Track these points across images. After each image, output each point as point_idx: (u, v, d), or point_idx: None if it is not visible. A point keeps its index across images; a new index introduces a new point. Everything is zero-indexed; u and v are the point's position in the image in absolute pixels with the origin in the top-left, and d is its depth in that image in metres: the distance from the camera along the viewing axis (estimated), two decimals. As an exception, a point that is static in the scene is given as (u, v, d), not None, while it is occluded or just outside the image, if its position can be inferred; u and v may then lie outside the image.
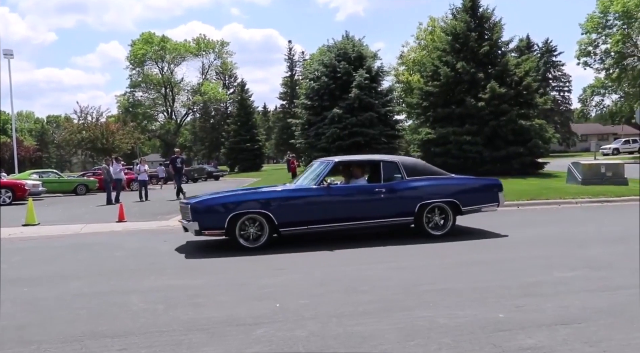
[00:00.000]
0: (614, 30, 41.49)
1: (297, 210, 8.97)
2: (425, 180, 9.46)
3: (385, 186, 9.28)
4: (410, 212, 9.23)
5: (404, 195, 9.27)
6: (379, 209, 9.19)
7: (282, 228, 8.81)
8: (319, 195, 9.07)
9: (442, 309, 5.08)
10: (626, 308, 4.96)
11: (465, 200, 9.47)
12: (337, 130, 31.35)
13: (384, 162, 9.76)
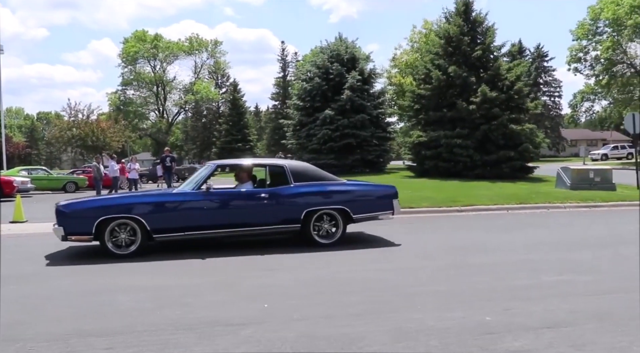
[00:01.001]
0: (604, 37, 41.80)
1: (172, 216, 8.50)
2: (313, 186, 9.04)
3: (268, 191, 8.87)
4: (296, 219, 8.77)
5: (289, 202, 8.83)
6: (262, 216, 8.75)
7: (156, 234, 8.31)
8: (196, 200, 8.57)
9: (430, 311, 5.10)
10: (612, 312, 5.01)
11: (357, 208, 9.03)
12: (328, 132, 31.40)
13: (269, 166, 9.52)
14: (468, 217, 13.16)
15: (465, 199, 15.19)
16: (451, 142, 25.39)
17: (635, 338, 4.34)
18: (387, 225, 11.56)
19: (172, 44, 79.44)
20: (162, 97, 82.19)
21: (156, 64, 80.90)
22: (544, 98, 69.16)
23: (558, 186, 18.53)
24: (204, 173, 9.06)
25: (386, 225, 11.48)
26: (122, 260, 7.90)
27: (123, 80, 79.73)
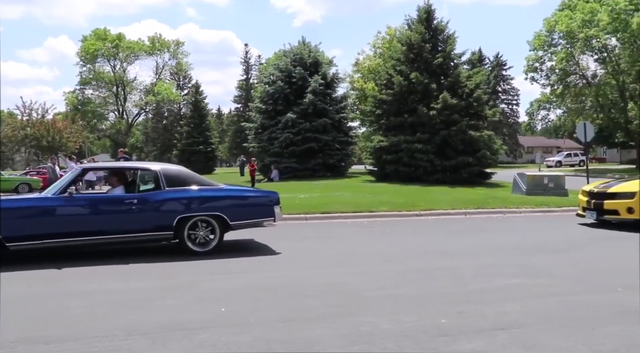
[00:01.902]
0: (558, 48, 42.98)
1: (27, 223, 7.86)
2: (187, 191, 8.62)
3: (138, 197, 8.39)
4: (168, 226, 8.34)
5: (160, 207, 8.42)
6: (131, 222, 8.26)
7: (9, 243, 7.64)
8: (56, 205, 8.03)
9: (386, 315, 5.14)
10: (561, 314, 5.15)
11: (235, 214, 8.67)
12: (290, 135, 31.36)
13: (141, 170, 9.08)
14: (427, 221, 13.33)
15: (424, 204, 15.39)
16: (412, 147, 25.68)
17: (581, 338, 4.48)
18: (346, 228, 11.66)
19: (133, 44, 78.10)
20: (122, 98, 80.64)
21: (116, 64, 79.40)
22: (502, 106, 70.72)
23: (514, 191, 18.94)
24: (69, 177, 8.55)
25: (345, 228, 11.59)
26: (74, 265, 7.72)
27: (81, 80, 77.88)
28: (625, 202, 10.94)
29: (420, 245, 9.55)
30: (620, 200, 11.08)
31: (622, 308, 5.32)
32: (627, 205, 10.91)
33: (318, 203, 15.28)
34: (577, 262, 7.93)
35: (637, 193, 10.82)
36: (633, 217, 10.84)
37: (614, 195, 11.30)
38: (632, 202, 10.84)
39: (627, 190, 11.13)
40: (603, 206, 11.36)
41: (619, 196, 11.16)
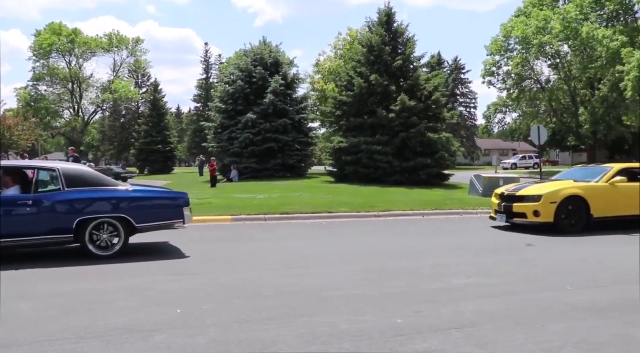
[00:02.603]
0: (514, 53, 44.03)
1: None
2: (88, 192, 8.16)
3: (33, 198, 7.87)
4: (67, 229, 7.91)
5: (58, 209, 7.93)
6: (25, 225, 7.81)
7: None
8: None
9: (344, 315, 5.18)
10: (513, 313, 5.28)
11: (141, 216, 8.34)
12: (250, 135, 31.21)
13: (39, 169, 8.41)
14: (386, 222, 13.45)
15: (383, 204, 15.54)
16: (371, 148, 25.90)
17: (531, 335, 4.61)
18: (305, 229, 11.67)
19: (90, 40, 76.21)
20: (77, 95, 78.55)
21: (72, 60, 77.34)
22: (460, 108, 72.06)
23: (471, 193, 19.31)
24: None
25: (304, 229, 11.59)
26: (24, 267, 7.51)
27: (34, 75, 75.48)
28: (532, 205, 11.02)
29: (378, 246, 9.63)
30: (527, 203, 11.15)
31: (571, 306, 5.50)
32: (533, 208, 10.99)
33: (277, 204, 15.26)
34: (527, 261, 8.14)
35: (543, 196, 10.97)
36: (539, 220, 10.98)
37: (522, 198, 11.37)
38: (538, 205, 10.95)
39: (534, 193, 11.23)
40: (512, 209, 11.42)
41: (527, 199, 11.23)
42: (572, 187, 11.37)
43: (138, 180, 39.80)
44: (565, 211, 11.01)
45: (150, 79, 77.45)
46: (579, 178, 12.11)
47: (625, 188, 11.46)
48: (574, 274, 7.15)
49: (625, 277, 6.93)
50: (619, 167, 12.17)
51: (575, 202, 11.09)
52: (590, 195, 11.15)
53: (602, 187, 11.42)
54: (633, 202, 11.49)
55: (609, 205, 11.29)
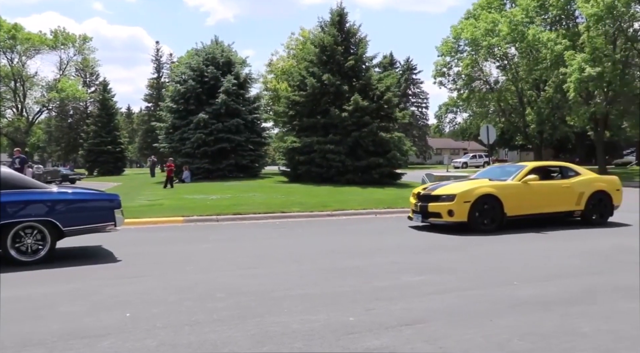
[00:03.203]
0: (464, 55, 45.04)
1: None
2: (10, 195, 7.68)
3: None
4: None
5: None
6: None
7: None
8: None
9: (296, 314, 5.17)
10: (462, 308, 5.38)
11: (68, 220, 7.94)
12: (202, 136, 30.86)
13: None
14: (339, 221, 13.52)
15: (336, 204, 15.61)
16: (324, 148, 26.00)
17: (479, 330, 4.71)
18: (257, 229, 11.61)
19: (33, 36, 73.58)
20: (21, 94, 75.77)
21: (14, 57, 74.56)
22: (412, 108, 73.25)
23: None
24: None
25: (257, 229, 11.53)
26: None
27: (-28, 73, 72.48)
28: (447, 205, 10.94)
29: (330, 245, 9.66)
30: (442, 203, 11.06)
31: (518, 301, 5.64)
32: (448, 208, 10.91)
33: (230, 205, 15.13)
34: (476, 258, 8.32)
35: (457, 195, 10.91)
36: (453, 219, 10.91)
37: (437, 197, 11.26)
38: (452, 205, 10.87)
39: (448, 193, 11.13)
40: (427, 209, 11.31)
41: (442, 199, 11.13)
42: (486, 186, 11.34)
43: (87, 182, 38.80)
44: (479, 210, 10.96)
45: (99, 78, 75.42)
46: (495, 177, 12.15)
47: (538, 186, 11.63)
48: (519, 270, 7.35)
49: (566, 272, 7.17)
50: (532, 165, 12.38)
51: (489, 201, 11.06)
52: (503, 194, 11.17)
53: (516, 185, 11.50)
54: (545, 201, 11.74)
55: (522, 204, 11.38)
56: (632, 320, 5.00)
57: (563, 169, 12.92)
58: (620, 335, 4.59)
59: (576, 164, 36.99)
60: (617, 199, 12.56)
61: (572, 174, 12.54)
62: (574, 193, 12.01)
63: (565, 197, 11.95)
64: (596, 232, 11.13)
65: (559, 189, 11.99)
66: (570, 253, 8.69)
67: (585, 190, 12.10)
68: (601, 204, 12.30)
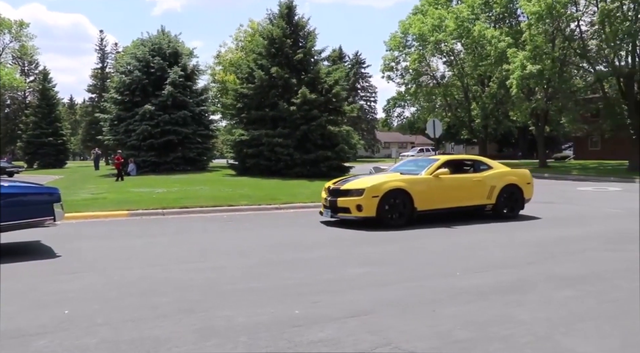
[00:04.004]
0: (412, 50, 45.73)
1: None
2: None
3: None
4: None
5: None
6: None
7: None
8: None
9: (242, 308, 5.14)
10: (405, 300, 5.47)
11: (3, 215, 7.54)
12: (148, 128, 30.27)
13: None
14: (287, 214, 13.51)
15: (284, 197, 15.58)
16: (272, 141, 25.93)
17: (422, 320, 4.81)
18: (204, 223, 11.49)
19: (-38, 20, 69.99)
20: (-48, 82, 72.26)
21: (-59, 42, 70.80)
22: (361, 102, 73.85)
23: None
24: None
25: (203, 223, 11.40)
26: None
27: None
28: (355, 199, 10.64)
29: (277, 238, 9.64)
30: (351, 198, 10.75)
31: (459, 291, 5.79)
32: (356, 203, 10.61)
33: (176, 198, 14.90)
34: (417, 250, 8.49)
35: (366, 190, 10.63)
36: (362, 214, 10.61)
37: (346, 192, 10.96)
38: (360, 199, 10.57)
39: (357, 187, 10.83)
40: (337, 204, 11.00)
41: (351, 193, 10.83)
42: (395, 180, 11.11)
43: (26, 175, 37.38)
44: (388, 205, 10.69)
45: (38, 67, 72.68)
46: (408, 171, 11.94)
47: (449, 180, 11.52)
48: (459, 261, 7.53)
49: (503, 262, 7.40)
50: (444, 159, 12.14)
51: (398, 196, 10.81)
52: (413, 188, 10.96)
53: (426, 179, 11.31)
54: (457, 194, 11.64)
55: (433, 198, 11.21)
56: (567, 307, 5.22)
57: (475, 162, 12.88)
58: (555, 321, 4.77)
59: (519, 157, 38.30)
60: (528, 193, 12.57)
61: (484, 167, 12.48)
62: (485, 187, 11.93)
63: (476, 191, 11.86)
64: (513, 225, 11.26)
65: (470, 183, 11.92)
66: (505, 244, 8.98)
67: (496, 184, 12.03)
68: (512, 198, 12.26)
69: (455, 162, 12.64)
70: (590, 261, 7.48)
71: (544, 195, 18.56)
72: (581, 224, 11.52)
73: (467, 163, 13.06)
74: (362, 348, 4.14)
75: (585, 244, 8.84)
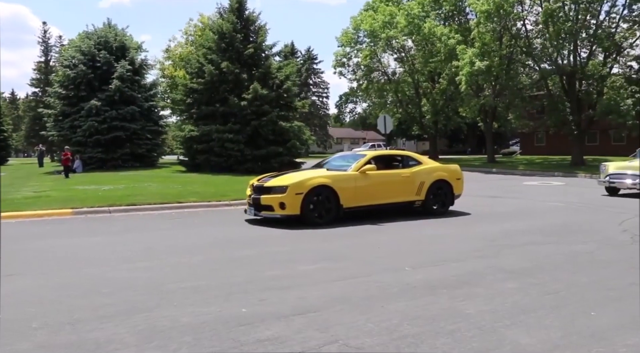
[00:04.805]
0: (363, 46, 46.07)
1: None
2: None
3: None
4: None
5: None
6: None
7: None
8: None
9: (186, 308, 5.01)
10: (356, 295, 5.45)
11: None
12: (95, 124, 29.47)
13: None
14: (237, 211, 13.31)
15: (234, 193, 15.38)
16: (223, 136, 25.64)
17: (371, 316, 4.79)
18: (151, 220, 11.26)
19: None
20: None
21: None
22: (313, 98, 73.95)
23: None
24: None
25: (150, 221, 11.18)
26: None
27: None
28: (279, 197, 10.28)
29: (226, 235, 9.49)
30: (274, 195, 10.40)
31: (408, 286, 5.80)
32: (279, 200, 10.25)
33: (123, 195, 14.51)
34: (369, 245, 8.50)
35: (289, 187, 10.28)
36: (286, 212, 10.26)
37: (269, 189, 10.58)
38: (284, 197, 10.23)
39: (280, 184, 10.47)
40: (260, 201, 10.62)
41: (274, 190, 10.47)
42: (321, 177, 10.80)
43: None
44: (313, 202, 10.38)
45: (-24, 60, 69.62)
46: (336, 167, 11.71)
47: (376, 176, 11.28)
48: (409, 256, 7.59)
49: (453, 256, 7.49)
50: (372, 155, 11.89)
51: (323, 192, 10.49)
52: (339, 184, 10.67)
53: (353, 176, 11.02)
54: (385, 191, 11.39)
55: (360, 195, 10.96)
56: (511, 300, 5.30)
57: (404, 158, 12.61)
58: (500, 314, 4.83)
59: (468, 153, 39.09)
60: (458, 188, 12.46)
61: (413, 163, 12.26)
62: (414, 183, 11.75)
63: (405, 187, 11.66)
64: (448, 221, 11.37)
65: (398, 179, 11.67)
66: (453, 238, 9.09)
67: (425, 180, 11.88)
68: (442, 193, 12.16)
69: (384, 158, 12.37)
70: (534, 254, 7.65)
71: (492, 190, 18.98)
72: (526, 217, 11.80)
73: (396, 158, 12.78)
74: (309, 346, 4.09)
75: (529, 237, 9.05)
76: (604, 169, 16.53)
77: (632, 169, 15.80)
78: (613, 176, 16.15)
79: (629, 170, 15.88)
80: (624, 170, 16.00)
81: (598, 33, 32.04)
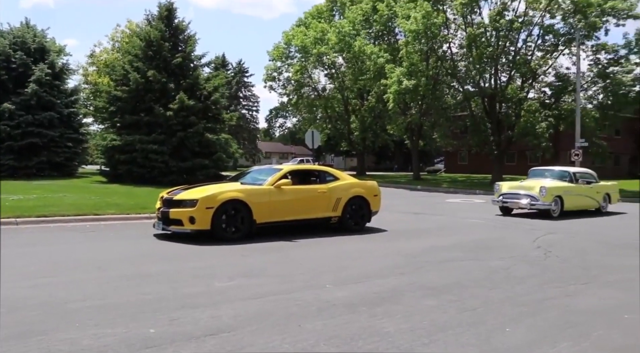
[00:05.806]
0: (294, 61, 46.21)
1: None
2: None
3: None
4: None
5: None
6: None
7: None
8: None
9: (89, 328, 4.64)
10: (273, 314, 5.24)
11: None
12: (7, 128, 27.80)
13: None
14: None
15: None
16: (147, 147, 24.84)
17: (287, 336, 4.60)
18: (63, 233, 10.64)
19: None
20: None
21: None
22: (243, 111, 73.40)
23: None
24: None
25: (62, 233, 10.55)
26: None
27: None
28: (188, 211, 9.86)
29: (140, 249, 9.05)
30: (184, 209, 9.97)
31: (328, 304, 5.64)
32: (189, 214, 9.83)
33: (34, 206, 13.63)
34: (291, 261, 8.31)
35: (199, 200, 9.89)
36: (195, 227, 9.85)
37: (179, 202, 10.14)
38: (193, 211, 9.82)
39: (190, 198, 10.07)
40: (169, 215, 10.15)
41: (184, 204, 10.06)
42: (233, 191, 10.52)
43: None
44: (224, 217, 10.03)
45: None
46: (251, 181, 11.45)
47: (292, 191, 11.09)
48: (331, 272, 7.45)
49: (376, 273, 7.43)
50: (287, 169, 11.75)
51: (235, 207, 10.15)
52: (252, 199, 10.34)
53: (267, 190, 10.74)
54: (300, 206, 11.19)
55: (275, 210, 10.70)
56: (430, 317, 5.26)
57: (321, 173, 12.48)
58: (418, 333, 4.76)
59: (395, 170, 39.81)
60: (375, 205, 12.36)
61: (330, 178, 12.12)
62: (330, 199, 11.57)
63: (321, 203, 11.48)
64: (367, 237, 11.41)
65: (314, 194, 11.47)
66: (377, 255, 9.05)
67: (342, 196, 11.74)
68: (359, 210, 12.04)
69: (301, 173, 12.21)
70: (453, 270, 7.71)
71: (416, 206, 19.28)
72: (447, 234, 11.98)
73: (314, 173, 12.63)
74: (218, 370, 3.84)
75: (450, 254, 9.15)
76: (498, 188, 16.98)
77: (524, 189, 16.30)
78: (506, 196, 16.59)
79: (521, 190, 16.36)
80: (517, 190, 16.48)
81: (517, 59, 33.70)
